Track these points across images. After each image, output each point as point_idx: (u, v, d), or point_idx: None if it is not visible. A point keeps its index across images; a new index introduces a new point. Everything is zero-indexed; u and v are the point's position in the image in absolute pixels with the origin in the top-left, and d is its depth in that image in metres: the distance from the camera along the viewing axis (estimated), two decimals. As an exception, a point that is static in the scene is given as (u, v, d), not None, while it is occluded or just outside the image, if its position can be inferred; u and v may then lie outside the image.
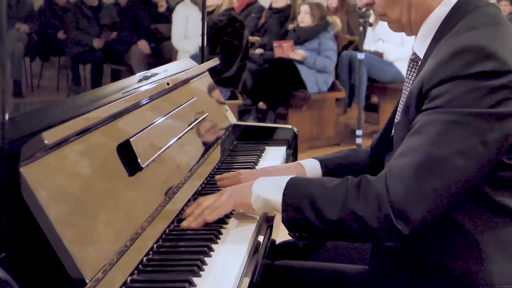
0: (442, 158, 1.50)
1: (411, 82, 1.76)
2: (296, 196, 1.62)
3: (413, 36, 1.77)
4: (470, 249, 1.60)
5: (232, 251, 1.61)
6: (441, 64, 1.53)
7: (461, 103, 1.50)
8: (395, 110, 1.87)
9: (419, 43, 1.73)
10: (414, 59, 1.77)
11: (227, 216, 1.80)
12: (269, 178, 1.76)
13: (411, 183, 1.50)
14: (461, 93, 1.50)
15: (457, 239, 1.60)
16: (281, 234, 2.18)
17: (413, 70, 1.78)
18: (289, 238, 2.18)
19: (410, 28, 1.74)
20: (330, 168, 2.05)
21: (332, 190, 1.59)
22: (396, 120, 1.79)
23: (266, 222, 1.84)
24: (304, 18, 6.99)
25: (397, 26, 1.76)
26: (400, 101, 1.81)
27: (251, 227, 1.76)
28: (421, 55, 1.72)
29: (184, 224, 1.72)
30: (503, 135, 1.52)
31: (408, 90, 1.74)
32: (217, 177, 2.05)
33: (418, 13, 1.70)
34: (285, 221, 1.64)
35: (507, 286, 1.60)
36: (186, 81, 2.35)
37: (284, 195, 1.63)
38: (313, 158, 2.08)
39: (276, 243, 2.15)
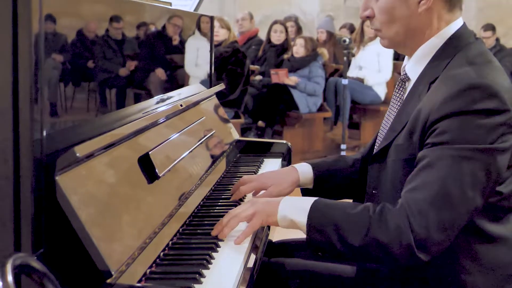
0: (455, 192, 1.45)
1: (398, 99, 1.72)
2: (321, 220, 1.54)
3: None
4: (450, 262, 1.57)
5: (236, 248, 1.60)
6: (449, 98, 1.47)
7: (467, 139, 1.45)
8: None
9: (412, 66, 1.68)
10: (403, 79, 1.72)
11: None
12: (294, 198, 1.67)
13: (429, 216, 1.44)
14: (467, 129, 1.45)
15: (440, 254, 1.54)
16: (277, 234, 2.18)
17: (401, 89, 1.72)
18: (284, 237, 2.17)
19: (403, 48, 1.70)
20: (320, 172, 1.99)
21: (355, 217, 1.51)
22: (380, 138, 1.74)
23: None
24: (299, 50, 7.01)
25: (389, 43, 1.69)
26: (386, 116, 1.76)
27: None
28: (412, 77, 1.67)
29: (213, 233, 1.64)
30: (500, 168, 1.48)
31: (397, 107, 1.70)
32: (232, 191, 1.99)
33: (413, 39, 1.65)
34: (309, 242, 1.56)
35: None
36: (196, 103, 2.35)
37: (309, 217, 1.55)
38: (306, 162, 2.03)
39: (273, 241, 2.14)
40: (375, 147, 1.78)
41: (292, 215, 1.59)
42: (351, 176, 1.99)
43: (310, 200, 1.60)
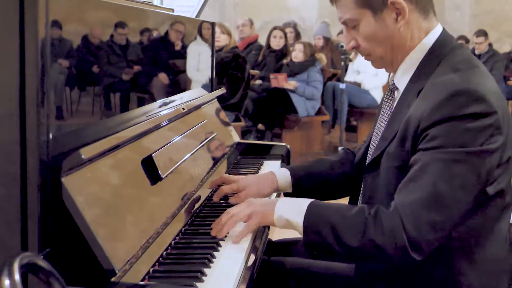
0: (446, 193, 1.46)
1: (388, 108, 1.73)
2: (317, 221, 1.56)
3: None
4: (445, 262, 1.58)
5: (236, 247, 1.61)
6: (438, 105, 1.48)
7: (458, 143, 1.46)
8: (372, 133, 1.83)
9: (399, 78, 1.69)
10: (392, 89, 1.74)
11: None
12: (291, 199, 1.69)
13: (421, 217, 1.46)
14: (457, 133, 1.46)
15: (434, 252, 1.55)
16: (277, 233, 2.18)
17: (390, 98, 1.74)
18: (283, 237, 2.17)
19: (391, 65, 1.71)
20: (298, 176, 2.00)
21: (351, 218, 1.53)
22: (372, 148, 1.75)
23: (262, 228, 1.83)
24: (298, 55, 7.01)
25: (380, 63, 1.72)
26: (377, 125, 1.77)
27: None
28: (400, 86, 1.69)
29: (213, 233, 1.65)
30: (490, 168, 1.50)
31: (387, 116, 1.72)
32: (213, 183, 2.02)
33: (399, 53, 1.67)
34: (305, 242, 1.58)
35: None
36: (198, 107, 2.35)
37: (305, 218, 1.56)
38: (284, 167, 2.04)
39: (273, 240, 2.14)
40: (368, 156, 1.79)
41: (289, 216, 1.61)
42: (328, 179, 2.01)
43: (307, 201, 1.62)
